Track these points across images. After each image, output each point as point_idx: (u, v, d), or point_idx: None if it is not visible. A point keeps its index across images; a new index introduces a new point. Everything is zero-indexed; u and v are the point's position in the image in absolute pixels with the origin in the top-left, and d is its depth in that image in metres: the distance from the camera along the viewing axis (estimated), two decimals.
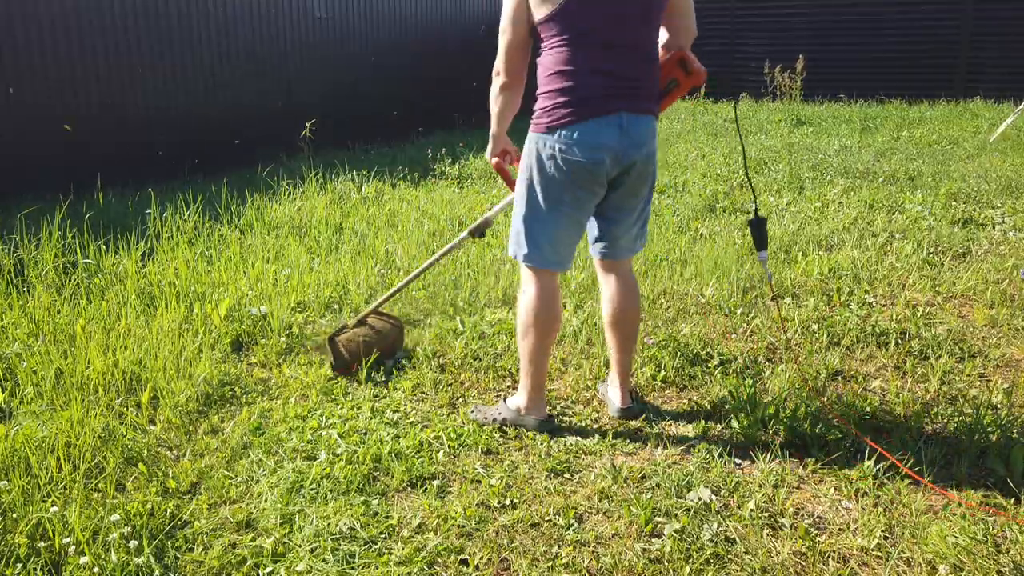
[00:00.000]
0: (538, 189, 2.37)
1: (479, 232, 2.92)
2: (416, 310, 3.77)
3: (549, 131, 2.31)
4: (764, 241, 2.48)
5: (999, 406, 2.71)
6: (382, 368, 3.14)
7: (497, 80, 2.42)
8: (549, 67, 2.33)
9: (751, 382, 2.77)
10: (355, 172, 6.89)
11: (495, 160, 2.63)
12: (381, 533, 2.09)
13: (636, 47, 2.31)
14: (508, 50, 2.36)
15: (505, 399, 2.73)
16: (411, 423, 2.69)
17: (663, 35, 2.45)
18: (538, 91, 2.38)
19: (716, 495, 2.22)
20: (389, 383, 3.02)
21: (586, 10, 2.23)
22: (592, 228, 2.57)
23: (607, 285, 2.63)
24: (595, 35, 2.26)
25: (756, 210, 2.59)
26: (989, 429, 2.49)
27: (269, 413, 2.79)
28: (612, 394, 2.73)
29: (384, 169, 7.27)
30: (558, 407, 2.79)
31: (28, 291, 3.66)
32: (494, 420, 2.64)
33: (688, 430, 2.61)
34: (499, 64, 2.40)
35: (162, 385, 2.94)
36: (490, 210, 2.91)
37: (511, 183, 2.65)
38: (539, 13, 2.27)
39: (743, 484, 2.27)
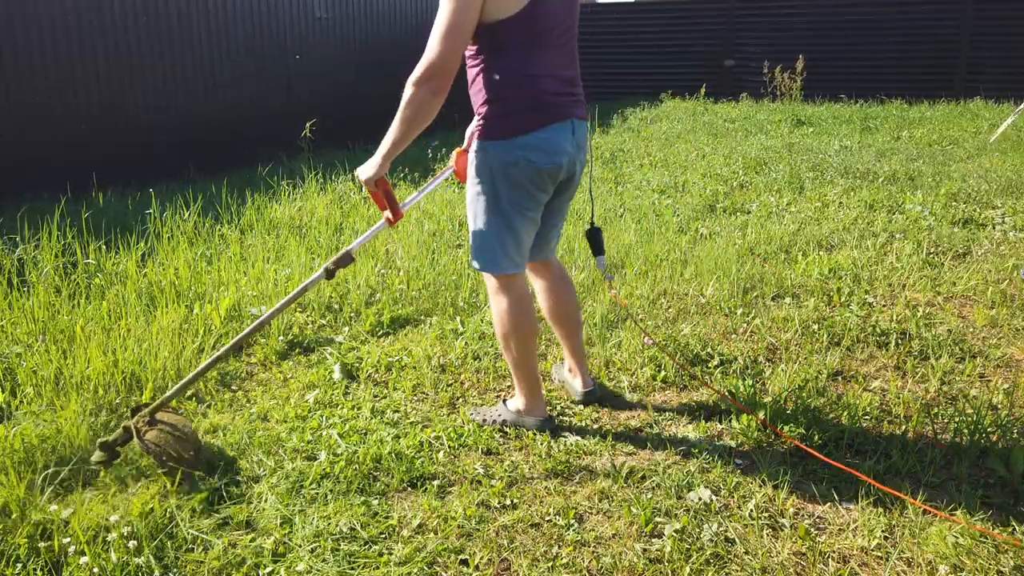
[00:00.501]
0: (502, 197, 2.31)
1: (334, 271, 2.50)
2: (417, 310, 3.77)
3: (510, 137, 2.25)
4: (601, 247, 2.69)
5: (999, 406, 2.71)
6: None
7: (427, 87, 2.13)
8: (504, 72, 2.22)
9: (751, 382, 2.77)
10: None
11: (380, 180, 2.35)
12: (381, 533, 2.09)
13: (575, 54, 2.38)
14: (452, 54, 2.11)
15: (505, 400, 2.73)
16: (411, 423, 2.69)
17: None
18: (485, 97, 2.27)
19: (716, 495, 2.22)
20: (389, 383, 3.02)
21: (545, 13, 2.19)
22: None
23: (542, 281, 2.69)
24: (551, 39, 2.24)
25: (592, 221, 2.75)
26: (989, 429, 2.49)
27: (269, 413, 2.79)
28: (574, 381, 2.81)
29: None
30: (558, 407, 2.79)
31: (28, 291, 3.66)
32: (494, 422, 2.65)
33: (688, 430, 2.61)
34: (433, 69, 2.11)
35: (162, 385, 2.94)
36: (351, 242, 2.61)
37: (395, 210, 2.42)
38: (502, 13, 2.12)
39: (743, 484, 2.27)
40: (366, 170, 2.35)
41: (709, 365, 3.08)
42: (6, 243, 4.26)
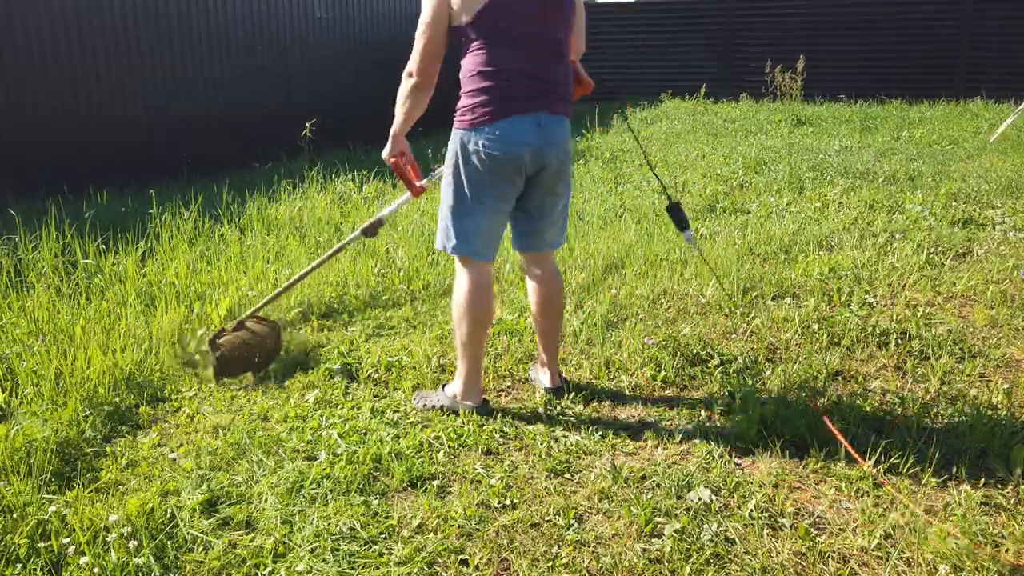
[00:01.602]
0: (465, 183, 2.50)
1: (371, 232, 2.99)
2: (417, 311, 3.77)
3: (473, 128, 2.44)
4: (686, 222, 2.79)
5: (999, 406, 2.71)
6: (267, 373, 3.14)
7: (409, 81, 2.50)
8: (473, 67, 2.44)
9: (751, 382, 2.77)
10: (355, 172, 6.89)
11: (393, 160, 2.66)
12: (381, 533, 2.09)
13: (554, 51, 2.47)
14: (425, 52, 2.45)
15: (444, 386, 2.81)
16: (411, 423, 2.69)
17: None
18: (462, 90, 2.48)
19: (716, 495, 2.22)
20: (389, 383, 3.02)
21: (509, 14, 2.37)
22: (518, 223, 2.69)
23: (533, 277, 2.76)
24: (517, 38, 2.40)
25: (669, 197, 2.82)
26: (989, 429, 2.49)
27: (269, 413, 2.79)
28: (542, 375, 2.91)
29: (384, 169, 7.27)
30: (557, 407, 2.79)
31: (28, 291, 3.66)
32: (433, 407, 2.74)
33: (688, 430, 2.61)
34: (413, 65, 2.48)
35: (161, 384, 2.94)
36: (382, 210, 3.03)
37: (410, 184, 2.73)
38: (464, 15, 2.38)
39: (743, 484, 2.27)
40: (385, 150, 2.65)
41: (709, 365, 3.08)
42: (5, 243, 4.26)
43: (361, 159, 8.37)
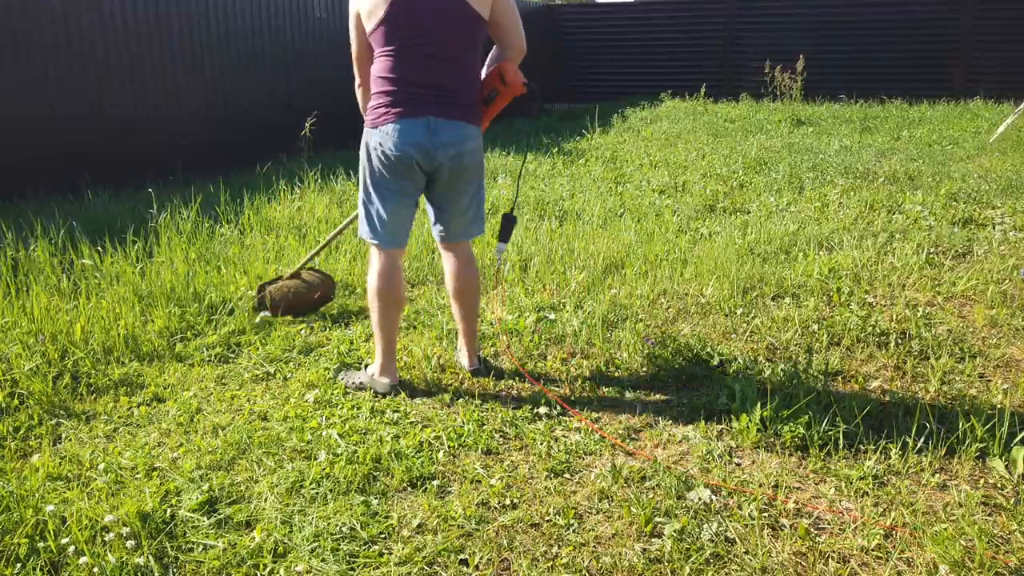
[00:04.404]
0: (367, 176, 2.76)
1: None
2: (418, 310, 3.77)
3: (375, 127, 2.70)
4: (508, 236, 2.99)
5: (999, 406, 2.71)
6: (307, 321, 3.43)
7: (356, 83, 2.86)
8: (375, 73, 2.71)
9: (751, 382, 2.76)
10: (354, 172, 6.89)
11: None
12: (381, 533, 2.08)
13: (448, 61, 2.67)
14: (355, 59, 2.80)
15: (366, 366, 3.00)
16: (411, 423, 2.69)
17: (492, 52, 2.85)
18: (372, 91, 2.75)
19: (716, 495, 2.22)
20: None
21: (403, 27, 2.60)
22: (430, 214, 2.92)
23: (448, 262, 2.96)
24: (410, 48, 2.62)
25: (512, 211, 3.03)
26: (989, 429, 2.49)
27: (269, 413, 2.79)
28: (462, 357, 3.09)
29: None
30: (557, 407, 2.79)
31: (27, 291, 3.65)
32: (353, 384, 2.94)
33: (688, 430, 2.61)
34: (355, 69, 2.82)
35: (162, 383, 2.93)
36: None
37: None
38: (367, 27, 2.67)
39: (743, 484, 2.27)
40: None
41: (709, 365, 3.07)
42: (4, 243, 4.26)
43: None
